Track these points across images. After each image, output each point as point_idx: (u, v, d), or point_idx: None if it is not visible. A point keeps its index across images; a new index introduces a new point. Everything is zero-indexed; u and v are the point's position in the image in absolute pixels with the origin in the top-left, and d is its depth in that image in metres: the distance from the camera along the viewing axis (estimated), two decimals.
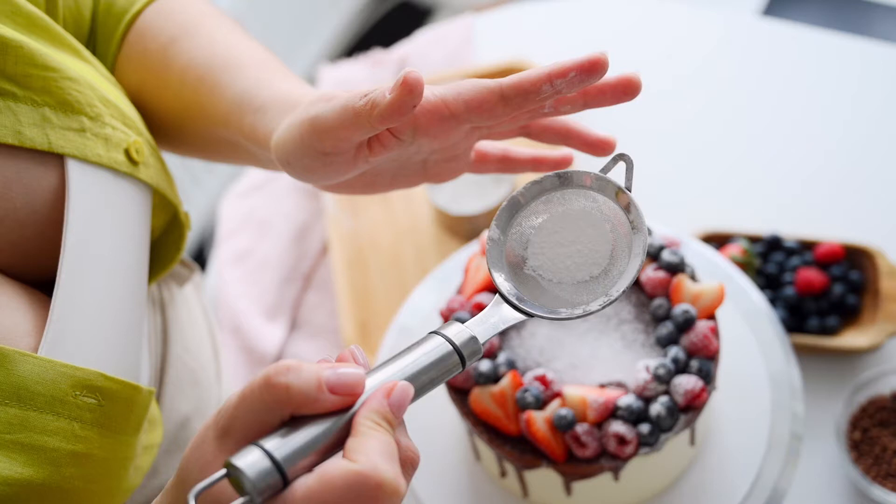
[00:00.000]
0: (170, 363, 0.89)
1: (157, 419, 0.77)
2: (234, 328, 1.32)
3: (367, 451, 0.53)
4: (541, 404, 0.86)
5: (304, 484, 0.53)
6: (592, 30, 1.53)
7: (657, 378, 0.85)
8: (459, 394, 0.90)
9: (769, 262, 1.20)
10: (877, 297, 1.15)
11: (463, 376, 0.88)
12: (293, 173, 0.72)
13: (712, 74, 1.45)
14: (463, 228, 1.29)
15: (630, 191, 0.67)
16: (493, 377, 0.88)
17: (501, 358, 0.88)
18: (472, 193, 1.32)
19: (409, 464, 0.57)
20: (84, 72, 0.73)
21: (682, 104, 1.42)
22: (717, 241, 1.22)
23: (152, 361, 0.86)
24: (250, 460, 0.52)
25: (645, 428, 0.84)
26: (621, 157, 0.68)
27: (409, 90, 0.62)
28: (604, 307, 0.64)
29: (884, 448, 1.06)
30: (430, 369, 0.59)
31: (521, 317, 0.64)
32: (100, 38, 0.84)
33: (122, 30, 0.83)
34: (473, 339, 0.61)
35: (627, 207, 0.66)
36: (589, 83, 0.66)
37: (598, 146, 0.76)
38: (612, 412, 0.85)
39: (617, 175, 0.68)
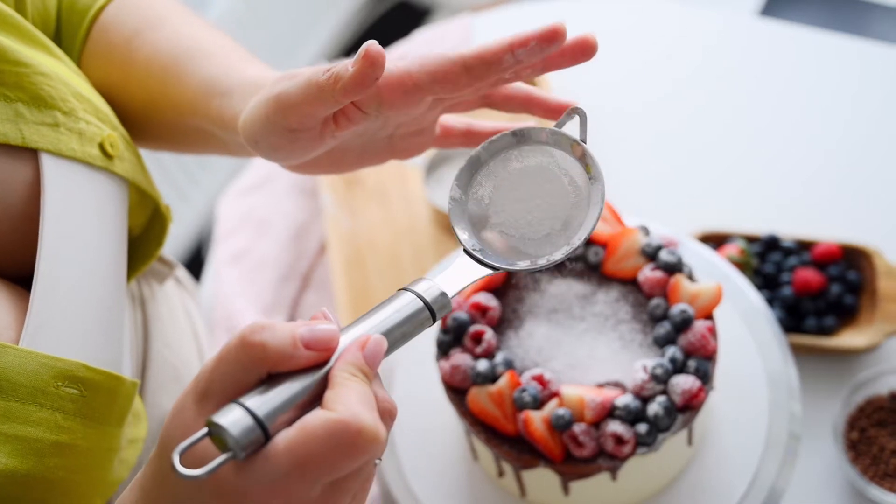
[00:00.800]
0: (151, 359, 0.89)
1: (141, 413, 0.77)
2: (232, 327, 1.32)
3: (346, 401, 0.54)
4: (538, 404, 0.86)
5: (285, 436, 0.53)
6: (590, 30, 1.53)
7: (655, 378, 0.85)
8: (457, 394, 0.90)
9: (767, 262, 1.20)
10: (874, 297, 1.15)
11: (461, 376, 0.88)
12: (261, 152, 0.72)
13: (710, 75, 1.45)
14: None
15: (585, 142, 0.68)
16: (491, 377, 0.88)
17: (499, 358, 0.88)
18: None
19: (387, 414, 0.57)
20: (56, 68, 0.74)
21: (680, 104, 1.42)
22: (715, 240, 1.22)
23: (134, 357, 0.86)
24: (232, 418, 0.53)
25: (642, 428, 0.84)
26: (575, 111, 0.69)
27: (371, 62, 0.63)
28: (567, 256, 0.65)
29: (881, 448, 1.06)
30: (402, 324, 0.60)
31: (486, 271, 0.66)
32: (65, 34, 0.85)
33: (86, 25, 0.84)
34: (443, 294, 0.62)
35: (583, 159, 0.68)
36: (549, 52, 0.67)
37: (559, 111, 0.76)
38: (610, 412, 0.85)
39: (572, 130, 0.70)
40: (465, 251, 0.66)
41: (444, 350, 0.92)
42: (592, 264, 0.94)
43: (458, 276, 0.65)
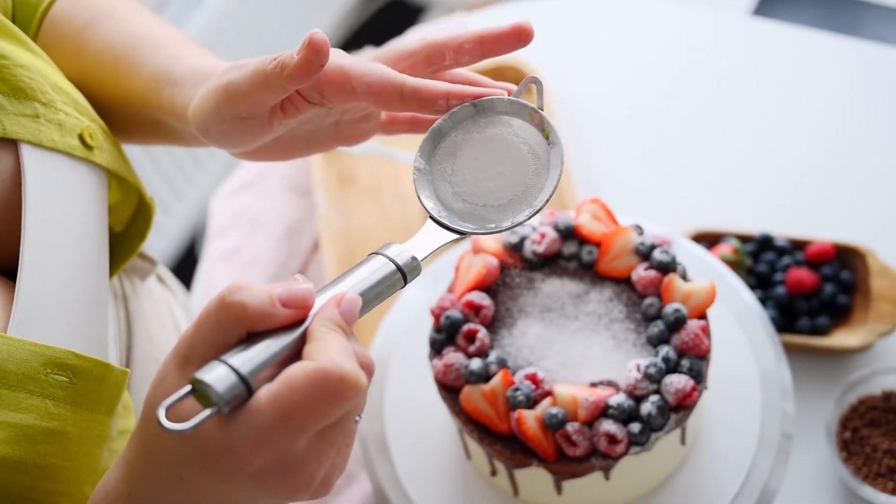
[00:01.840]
0: (135, 355, 0.90)
1: (130, 405, 0.77)
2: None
3: (326, 351, 0.56)
4: (532, 403, 0.85)
5: (268, 389, 0.55)
6: (584, 29, 1.53)
7: (648, 377, 0.85)
8: (450, 392, 0.90)
9: (760, 261, 1.20)
10: (868, 297, 1.15)
11: (454, 375, 0.88)
12: (212, 140, 0.74)
13: (705, 74, 1.45)
14: None
15: (542, 110, 0.70)
16: (484, 376, 0.87)
17: (492, 357, 0.88)
18: None
19: (365, 368, 0.58)
20: (33, 61, 0.75)
21: (673, 104, 1.42)
22: (708, 240, 1.22)
23: (118, 353, 0.86)
24: (216, 374, 0.54)
25: (636, 427, 0.84)
26: (532, 80, 0.71)
27: (315, 50, 0.65)
28: (530, 217, 0.67)
29: (874, 448, 1.06)
30: (376, 286, 0.62)
31: (452, 235, 0.68)
32: (18, 27, 0.85)
33: (38, 18, 0.85)
34: (413, 258, 0.64)
35: (542, 125, 0.70)
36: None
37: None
38: (603, 411, 0.85)
39: (529, 99, 0.72)
40: (432, 218, 0.69)
41: (437, 349, 0.91)
42: (586, 263, 0.94)
43: (426, 241, 0.67)
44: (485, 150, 0.70)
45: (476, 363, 0.88)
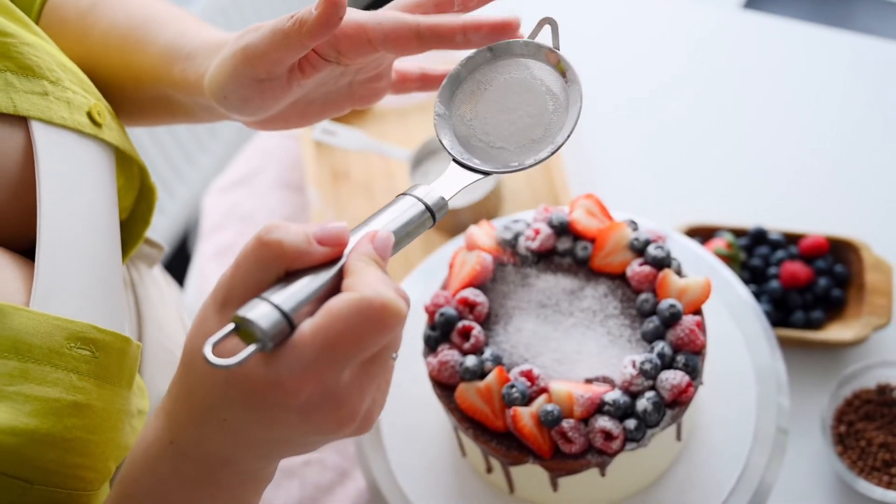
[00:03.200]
0: (146, 341, 0.90)
1: (143, 387, 0.77)
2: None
3: (366, 281, 0.56)
4: (527, 400, 0.85)
5: (311, 322, 0.55)
6: (578, 24, 1.53)
7: (643, 373, 0.85)
8: (445, 390, 0.89)
9: (754, 255, 1.19)
10: (862, 291, 1.15)
11: (448, 372, 0.88)
12: (230, 107, 0.74)
13: (698, 69, 1.45)
14: (447, 223, 1.29)
15: (558, 49, 0.71)
16: (479, 373, 0.87)
17: (487, 353, 0.88)
18: None
19: (403, 299, 0.58)
20: (38, 40, 0.75)
21: (667, 99, 1.42)
22: (702, 234, 1.22)
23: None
24: (259, 311, 0.54)
25: (631, 423, 0.84)
26: (546, 20, 0.71)
27: (332, 3, 0.66)
28: (552, 154, 0.68)
29: (869, 442, 1.06)
30: (406, 225, 0.63)
31: (477, 176, 0.68)
32: None
33: (39, 3, 0.86)
34: (441, 197, 0.65)
35: (558, 65, 0.71)
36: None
37: (503, 29, 0.77)
38: (599, 408, 0.84)
39: (544, 39, 0.73)
40: (455, 160, 0.69)
41: (431, 346, 0.91)
42: (581, 259, 0.93)
43: (452, 182, 0.68)
44: (503, 92, 0.71)
45: (471, 360, 0.87)
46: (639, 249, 0.92)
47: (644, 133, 1.39)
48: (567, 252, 0.94)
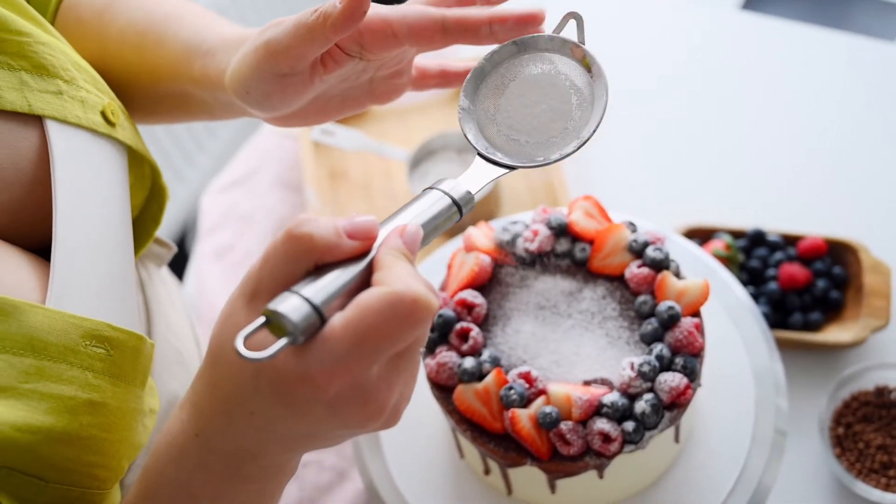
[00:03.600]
0: (155, 340, 0.89)
1: (153, 387, 0.77)
2: (214, 322, 1.31)
3: (396, 275, 0.56)
4: (525, 402, 0.85)
5: (341, 316, 0.55)
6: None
7: (642, 375, 0.84)
8: (443, 391, 0.89)
9: (752, 257, 1.19)
10: (860, 292, 1.15)
11: (447, 374, 0.88)
12: (251, 102, 0.74)
13: (695, 70, 1.45)
14: None
15: (584, 44, 0.71)
16: (478, 375, 0.87)
17: (485, 355, 0.88)
18: None
19: (432, 291, 0.58)
20: (52, 39, 0.75)
21: (665, 100, 1.42)
22: (700, 236, 1.22)
23: None
24: (290, 304, 0.54)
25: (630, 425, 0.84)
26: (571, 15, 0.71)
27: None
28: (578, 148, 0.68)
29: (867, 444, 1.06)
30: (434, 219, 0.63)
31: (502, 170, 0.68)
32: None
33: (54, 2, 0.86)
34: (468, 191, 0.65)
35: (584, 60, 0.71)
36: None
37: (528, 21, 0.78)
38: (597, 410, 0.84)
39: (569, 33, 0.73)
40: (480, 154, 0.69)
41: (429, 347, 0.91)
42: (579, 261, 0.93)
43: (477, 176, 0.68)
44: (528, 87, 0.71)
45: (469, 362, 0.87)
46: (637, 251, 0.92)
47: (642, 134, 1.39)
48: (565, 253, 0.94)
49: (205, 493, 0.62)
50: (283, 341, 0.54)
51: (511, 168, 0.69)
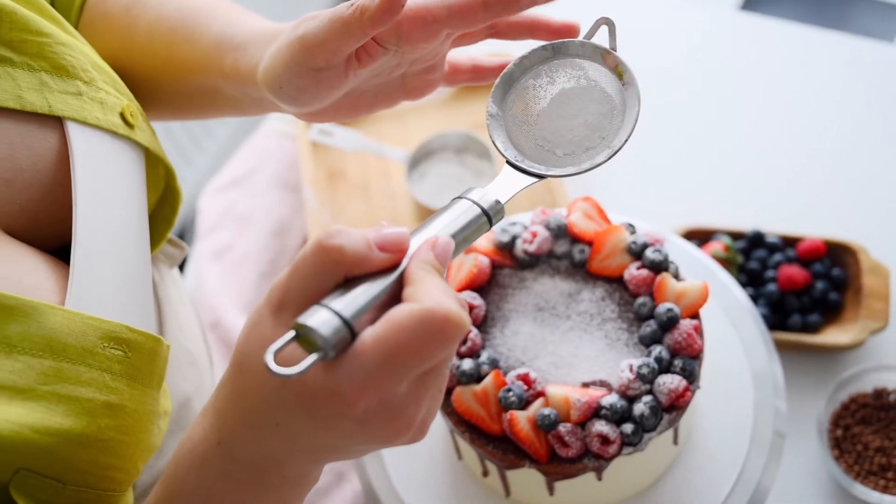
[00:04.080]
0: (168, 341, 0.89)
1: (166, 389, 0.77)
2: (214, 323, 1.31)
3: (428, 292, 0.55)
4: (524, 404, 0.85)
5: (372, 332, 0.54)
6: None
7: (641, 377, 0.84)
8: None
9: (751, 258, 1.19)
10: (859, 294, 1.15)
11: None
12: (284, 97, 0.73)
13: (694, 70, 1.45)
14: None
15: (616, 51, 0.70)
16: (476, 376, 0.87)
17: (484, 357, 0.88)
18: (452, 188, 1.31)
19: (464, 308, 0.58)
20: (72, 40, 0.75)
21: (664, 101, 1.42)
22: (700, 237, 1.21)
23: None
24: (320, 318, 0.54)
25: (628, 428, 0.83)
26: (603, 20, 0.71)
27: None
28: (609, 158, 0.67)
29: (865, 446, 1.06)
30: (464, 229, 0.62)
31: (531, 179, 0.67)
32: (58, 9, 0.85)
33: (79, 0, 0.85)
34: (497, 200, 0.63)
35: (615, 67, 0.70)
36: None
37: (564, 32, 0.79)
38: (596, 412, 0.84)
39: (601, 40, 0.72)
40: (509, 163, 0.68)
41: None
42: (578, 262, 0.93)
43: (507, 185, 0.67)
44: (557, 94, 0.70)
45: (467, 363, 0.87)
46: (636, 253, 0.91)
47: (641, 135, 1.39)
48: (564, 255, 0.94)
49: (226, 501, 0.62)
50: (313, 357, 0.53)
51: (541, 177, 0.67)
